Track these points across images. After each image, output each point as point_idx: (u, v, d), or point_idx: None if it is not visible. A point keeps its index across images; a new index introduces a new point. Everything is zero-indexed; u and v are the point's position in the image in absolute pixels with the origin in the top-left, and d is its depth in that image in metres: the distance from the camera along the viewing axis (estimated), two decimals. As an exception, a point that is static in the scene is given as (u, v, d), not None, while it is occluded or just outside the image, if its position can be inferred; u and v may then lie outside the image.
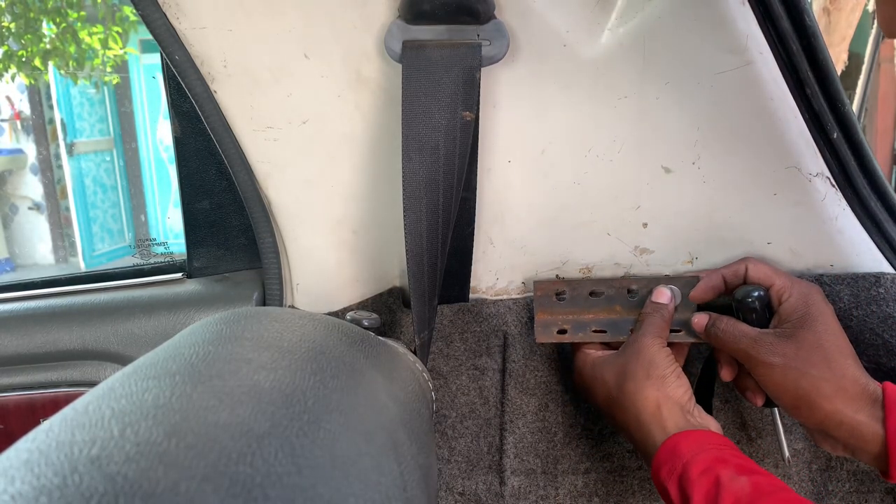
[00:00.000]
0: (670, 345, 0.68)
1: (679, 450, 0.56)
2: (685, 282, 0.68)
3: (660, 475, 0.57)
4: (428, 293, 0.62)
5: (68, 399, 0.65)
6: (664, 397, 0.59)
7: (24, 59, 3.77)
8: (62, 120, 4.94)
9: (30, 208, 5.20)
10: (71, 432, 0.27)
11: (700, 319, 0.64)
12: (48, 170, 5.17)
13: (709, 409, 0.72)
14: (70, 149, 4.97)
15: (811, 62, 0.57)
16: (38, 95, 5.08)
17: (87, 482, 0.24)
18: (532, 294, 0.72)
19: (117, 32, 3.90)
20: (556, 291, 0.70)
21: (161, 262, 0.81)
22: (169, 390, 0.31)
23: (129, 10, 3.83)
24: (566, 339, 0.69)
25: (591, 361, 0.66)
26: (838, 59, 2.81)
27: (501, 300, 0.72)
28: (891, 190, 0.64)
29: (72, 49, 3.80)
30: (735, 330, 0.61)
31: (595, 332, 0.68)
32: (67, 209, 5.12)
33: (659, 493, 0.58)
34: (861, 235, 0.64)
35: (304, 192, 0.65)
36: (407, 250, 0.58)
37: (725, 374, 0.65)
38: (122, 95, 5.24)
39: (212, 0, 0.56)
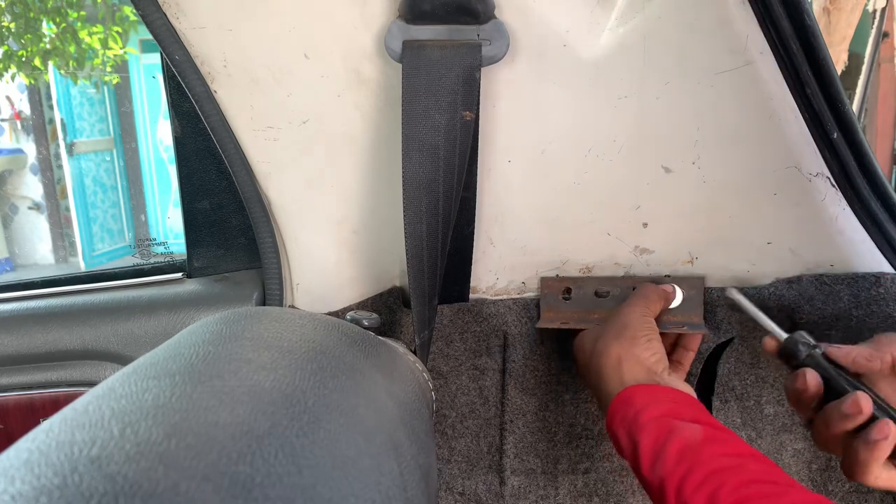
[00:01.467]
0: (676, 344, 0.68)
1: (633, 399, 0.56)
2: (691, 283, 0.68)
3: (612, 425, 0.57)
4: (428, 293, 0.62)
5: (68, 399, 0.65)
6: (627, 354, 0.59)
7: (24, 59, 3.77)
8: (62, 120, 4.94)
9: (30, 208, 5.20)
10: (71, 432, 0.27)
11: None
12: (48, 170, 5.18)
13: (708, 410, 0.72)
14: (70, 149, 4.97)
15: (811, 62, 0.57)
16: (38, 95, 5.08)
17: (87, 482, 0.24)
18: (532, 293, 0.72)
19: (117, 32, 3.90)
20: (563, 290, 0.71)
21: (161, 262, 0.81)
22: (169, 390, 0.31)
23: (129, 10, 3.83)
24: (566, 326, 0.69)
25: (580, 335, 0.67)
26: (838, 59, 2.81)
27: (501, 300, 0.72)
28: (891, 190, 0.64)
29: (72, 49, 3.79)
30: None
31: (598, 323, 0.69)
32: (67, 209, 5.12)
33: (613, 446, 0.58)
34: (861, 235, 0.64)
35: (304, 192, 0.65)
36: (407, 250, 0.58)
37: None
38: (122, 95, 5.24)
39: (212, 0, 0.56)
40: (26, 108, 5.09)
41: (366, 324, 0.59)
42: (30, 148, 5.15)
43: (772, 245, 0.66)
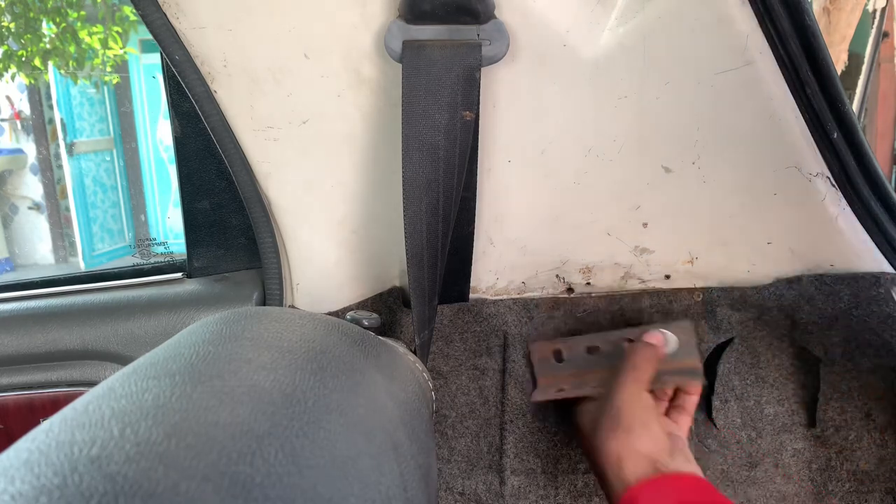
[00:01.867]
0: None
1: (637, 501, 0.54)
2: (682, 328, 0.67)
3: None
4: (428, 293, 0.62)
5: (68, 399, 0.65)
6: (627, 450, 0.57)
7: (24, 59, 3.77)
8: (62, 120, 4.94)
9: (30, 208, 5.21)
10: (71, 432, 0.27)
11: None
12: (48, 170, 5.18)
13: (709, 410, 0.72)
14: (70, 149, 4.98)
15: (811, 62, 0.57)
16: (38, 95, 5.09)
17: (87, 482, 0.24)
18: (532, 293, 0.72)
19: (117, 32, 3.90)
20: (554, 351, 0.70)
21: (161, 262, 0.81)
22: (169, 390, 0.31)
23: (129, 10, 3.83)
24: (563, 395, 0.68)
25: (578, 409, 0.65)
26: (838, 59, 2.81)
27: (501, 300, 0.72)
28: (891, 190, 0.64)
29: (72, 49, 3.79)
30: None
31: (595, 387, 0.67)
32: (67, 209, 5.12)
33: None
34: (861, 235, 0.64)
35: (304, 192, 0.65)
36: (407, 250, 0.58)
37: None
38: (122, 95, 5.24)
39: (212, 0, 0.56)
40: (26, 108, 5.09)
41: (366, 324, 0.59)
42: (30, 148, 5.16)
43: (772, 245, 0.66)
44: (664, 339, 0.65)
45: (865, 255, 0.65)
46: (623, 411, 0.59)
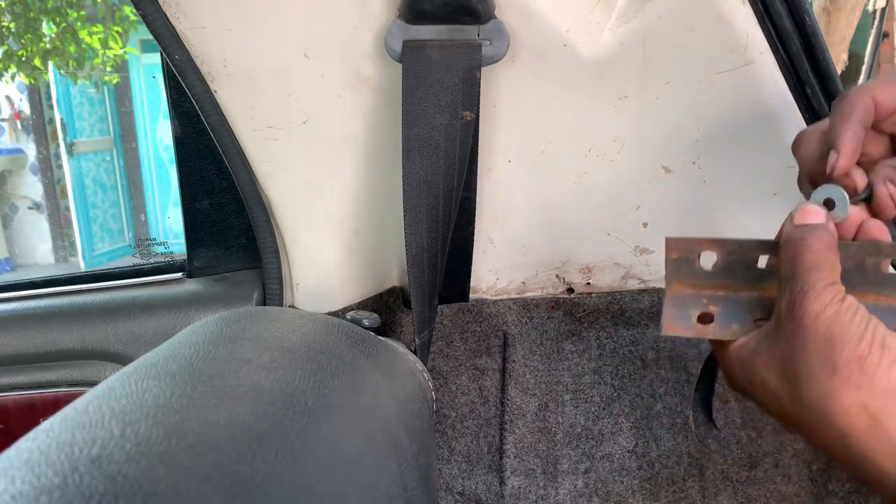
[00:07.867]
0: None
1: None
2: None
3: None
4: (428, 293, 0.62)
5: (68, 399, 0.65)
6: (875, 395, 0.35)
7: (24, 59, 3.78)
8: (62, 120, 4.95)
9: (30, 208, 5.21)
10: (71, 432, 0.27)
11: None
12: (48, 169, 5.18)
13: (709, 410, 0.72)
14: (70, 148, 4.98)
15: (811, 62, 0.57)
16: (38, 95, 5.09)
17: (87, 482, 0.24)
18: (532, 293, 0.72)
19: (117, 32, 3.91)
20: (700, 253, 0.45)
21: (161, 262, 0.81)
22: (169, 390, 0.31)
23: (129, 10, 3.84)
24: (709, 333, 0.44)
25: (737, 360, 0.42)
26: (838, 59, 2.81)
27: (501, 300, 0.72)
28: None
29: (72, 49, 3.80)
30: None
31: (758, 320, 0.43)
32: (67, 209, 5.13)
33: None
34: None
35: (304, 192, 0.65)
36: (407, 250, 0.58)
37: None
38: (122, 95, 5.25)
39: (212, 0, 0.56)
40: (26, 108, 5.10)
41: (366, 324, 0.59)
42: (30, 148, 5.16)
43: (772, 245, 0.67)
44: (825, 209, 0.42)
45: None
46: (836, 336, 0.36)
